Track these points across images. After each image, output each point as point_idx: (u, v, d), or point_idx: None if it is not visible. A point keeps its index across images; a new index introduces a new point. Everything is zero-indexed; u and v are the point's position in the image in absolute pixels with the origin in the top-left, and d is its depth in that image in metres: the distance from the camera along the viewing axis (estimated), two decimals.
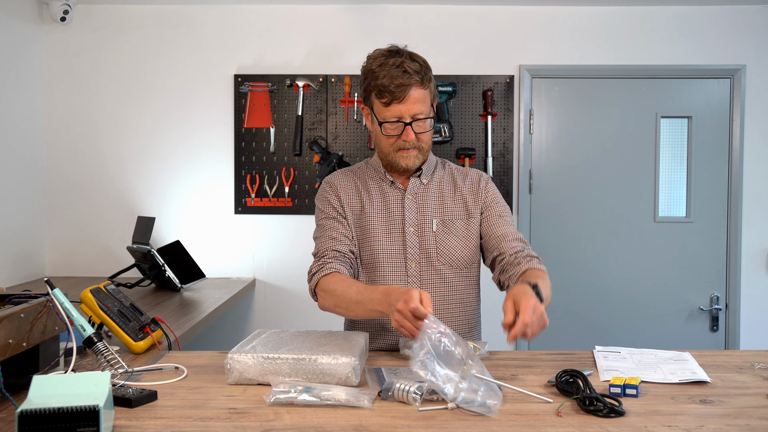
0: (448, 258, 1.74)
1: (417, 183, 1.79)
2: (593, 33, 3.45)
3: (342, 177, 1.84)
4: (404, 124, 1.66)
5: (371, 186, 1.80)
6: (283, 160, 3.45)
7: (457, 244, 1.75)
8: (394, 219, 1.77)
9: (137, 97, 3.47)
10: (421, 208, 1.77)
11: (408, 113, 1.65)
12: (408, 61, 1.64)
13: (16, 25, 3.22)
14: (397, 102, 1.64)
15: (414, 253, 1.74)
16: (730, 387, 1.37)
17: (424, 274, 1.75)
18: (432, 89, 1.69)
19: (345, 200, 1.79)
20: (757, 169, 3.44)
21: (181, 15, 3.46)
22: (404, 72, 1.62)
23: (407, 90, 1.63)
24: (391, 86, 1.62)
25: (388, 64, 1.64)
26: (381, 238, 1.76)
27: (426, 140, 1.71)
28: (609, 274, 3.48)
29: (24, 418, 1.01)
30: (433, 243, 1.75)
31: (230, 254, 3.49)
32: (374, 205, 1.78)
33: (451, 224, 1.76)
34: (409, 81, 1.62)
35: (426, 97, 1.67)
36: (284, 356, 1.36)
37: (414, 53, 1.70)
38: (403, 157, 1.71)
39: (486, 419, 1.18)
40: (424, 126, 1.68)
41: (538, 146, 3.48)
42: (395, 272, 1.74)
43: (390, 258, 1.75)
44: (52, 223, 3.48)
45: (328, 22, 3.45)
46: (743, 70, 3.42)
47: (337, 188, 1.81)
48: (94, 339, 1.39)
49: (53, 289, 1.39)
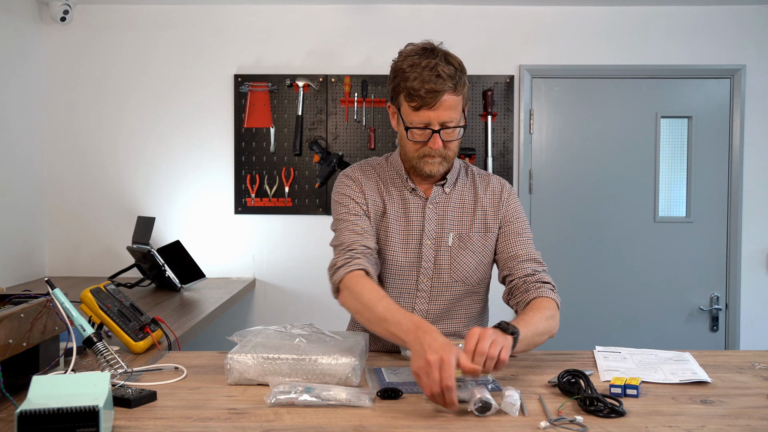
0: (461, 275, 1.66)
1: (440, 192, 1.68)
2: (593, 33, 3.45)
3: (363, 174, 1.71)
4: (432, 131, 1.54)
5: (392, 188, 1.69)
6: (283, 160, 3.45)
7: (471, 261, 1.67)
8: (413, 229, 1.67)
9: (137, 97, 3.47)
10: (441, 220, 1.67)
11: (437, 120, 1.53)
12: (442, 64, 1.52)
13: (16, 25, 3.22)
14: (426, 108, 1.52)
15: (428, 268, 1.66)
16: (731, 387, 1.37)
17: (434, 289, 1.67)
18: (465, 94, 1.58)
19: (369, 198, 1.68)
20: (757, 169, 3.43)
21: (181, 15, 3.45)
22: (437, 76, 1.50)
23: (439, 96, 1.50)
24: (422, 90, 1.50)
25: (420, 66, 1.52)
26: (397, 247, 1.66)
27: (453, 148, 1.60)
28: (609, 274, 3.47)
29: (24, 418, 1.01)
30: (447, 258, 1.65)
31: (230, 254, 3.48)
32: (395, 210, 1.68)
33: (468, 240, 1.67)
34: (442, 87, 1.50)
35: (458, 104, 1.55)
36: (284, 356, 1.36)
37: (450, 53, 1.58)
38: (427, 163, 1.60)
39: (486, 419, 1.18)
40: (453, 134, 1.57)
41: (538, 146, 3.48)
42: (405, 285, 1.67)
43: (403, 269, 1.66)
44: (52, 223, 3.48)
45: (328, 22, 3.45)
46: (743, 70, 3.42)
47: (361, 184, 1.69)
48: (94, 339, 1.39)
49: (53, 289, 1.39)
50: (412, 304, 1.67)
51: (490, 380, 1.39)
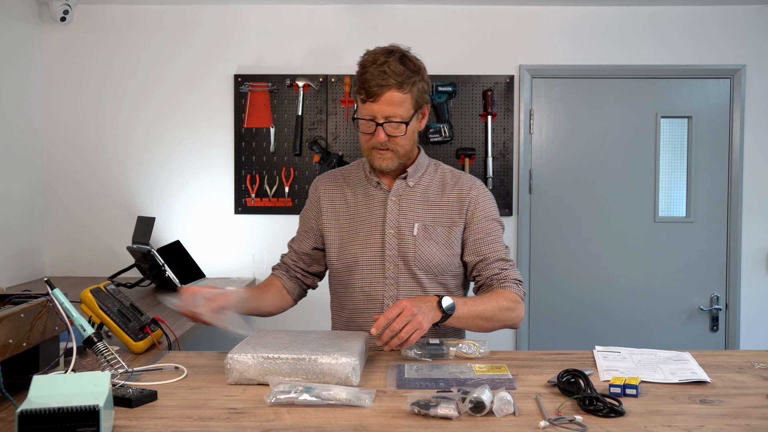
0: (424, 263, 1.75)
1: (402, 185, 1.80)
2: (593, 33, 3.45)
3: (328, 179, 1.88)
4: (376, 124, 1.66)
5: (357, 187, 1.83)
6: (283, 160, 3.45)
7: (435, 251, 1.75)
8: (375, 220, 1.78)
9: (137, 97, 3.47)
10: (404, 210, 1.78)
11: (381, 114, 1.65)
12: (395, 64, 1.64)
13: (16, 25, 3.22)
14: (371, 101, 1.65)
15: (392, 256, 1.75)
16: (730, 387, 1.37)
17: (401, 277, 1.75)
18: (415, 95, 1.68)
19: (325, 205, 1.84)
20: (757, 169, 3.44)
21: (181, 15, 3.46)
22: (383, 73, 1.62)
23: (382, 90, 1.63)
24: (368, 84, 1.64)
25: (375, 63, 1.64)
26: (361, 240, 1.78)
27: (402, 144, 1.70)
28: (609, 275, 3.47)
29: (24, 418, 1.01)
30: (412, 247, 1.75)
31: (230, 254, 3.49)
32: (359, 207, 1.81)
33: (433, 231, 1.76)
34: (386, 82, 1.63)
35: (404, 102, 1.66)
36: (284, 356, 1.36)
37: (408, 56, 1.69)
38: (377, 157, 1.72)
39: (486, 419, 1.18)
40: (398, 130, 1.67)
41: (538, 146, 3.48)
42: (373, 274, 1.77)
43: (368, 260, 1.77)
44: (52, 223, 3.48)
45: (328, 22, 3.45)
46: (743, 70, 3.42)
47: (319, 194, 1.86)
48: (94, 339, 1.39)
49: (53, 289, 1.39)
50: (382, 291, 1.76)
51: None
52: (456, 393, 1.23)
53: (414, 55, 1.72)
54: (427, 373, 1.44)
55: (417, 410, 1.19)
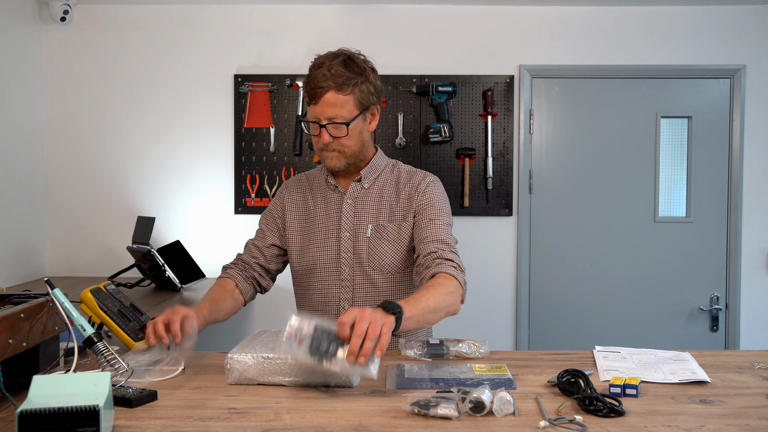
0: (378, 263, 1.76)
1: (357, 187, 1.81)
2: (593, 33, 3.45)
3: (294, 184, 1.91)
4: (320, 125, 1.69)
5: (317, 191, 1.86)
6: (283, 160, 3.45)
7: (387, 250, 1.77)
8: (331, 223, 1.81)
9: (137, 97, 3.47)
10: (359, 212, 1.80)
11: (323, 116, 1.68)
12: (336, 66, 1.66)
13: (16, 25, 3.22)
14: (313, 103, 1.69)
15: (347, 258, 1.78)
16: (730, 387, 1.37)
17: (356, 279, 1.77)
18: (358, 96, 1.69)
19: (289, 210, 1.86)
20: (757, 169, 3.44)
21: (181, 15, 3.46)
22: (323, 75, 1.65)
23: (321, 93, 1.66)
24: (309, 88, 1.69)
25: (319, 67, 1.68)
26: (318, 243, 1.80)
27: (347, 144, 1.72)
28: (609, 274, 3.47)
29: (24, 418, 1.01)
30: (365, 248, 1.77)
31: (230, 254, 3.44)
32: (318, 211, 1.83)
33: (384, 230, 1.78)
34: (324, 84, 1.65)
35: (346, 103, 1.67)
36: (284, 356, 1.36)
37: (354, 58, 1.71)
38: (326, 157, 1.74)
39: (486, 419, 1.18)
40: (340, 131, 1.69)
41: (538, 146, 3.48)
42: (329, 277, 1.79)
43: (325, 262, 1.79)
44: (52, 223, 3.48)
45: (328, 22, 3.45)
46: (743, 70, 3.42)
47: (284, 201, 1.88)
48: (94, 339, 1.39)
49: (53, 289, 1.39)
50: (338, 293, 1.78)
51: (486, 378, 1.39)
52: (456, 393, 1.23)
53: (364, 58, 1.74)
54: (427, 373, 1.45)
55: (417, 410, 1.19)
